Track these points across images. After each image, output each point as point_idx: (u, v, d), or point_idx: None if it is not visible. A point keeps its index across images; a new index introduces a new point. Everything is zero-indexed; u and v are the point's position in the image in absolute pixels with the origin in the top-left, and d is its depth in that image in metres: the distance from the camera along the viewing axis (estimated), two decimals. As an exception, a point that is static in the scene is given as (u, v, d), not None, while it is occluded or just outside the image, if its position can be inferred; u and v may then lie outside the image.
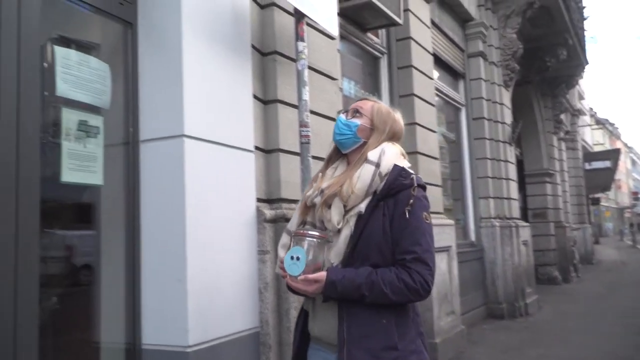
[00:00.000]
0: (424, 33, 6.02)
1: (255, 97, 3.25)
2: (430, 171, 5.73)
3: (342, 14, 4.61)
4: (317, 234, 1.73)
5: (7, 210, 2.04)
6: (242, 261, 2.97)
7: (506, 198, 8.40)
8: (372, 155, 1.80)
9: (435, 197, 5.71)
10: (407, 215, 1.71)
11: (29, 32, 2.19)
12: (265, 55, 3.42)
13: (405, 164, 1.84)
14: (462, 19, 7.93)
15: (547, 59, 10.71)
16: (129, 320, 2.61)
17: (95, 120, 2.51)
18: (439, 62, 7.08)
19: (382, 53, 5.74)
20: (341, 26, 4.56)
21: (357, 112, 1.91)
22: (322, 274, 1.68)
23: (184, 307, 2.52)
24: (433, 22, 6.61)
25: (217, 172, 2.82)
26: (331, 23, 3.51)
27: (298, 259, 1.68)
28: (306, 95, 3.11)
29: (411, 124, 5.54)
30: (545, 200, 12.41)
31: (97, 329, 2.69)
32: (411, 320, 1.76)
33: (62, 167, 2.32)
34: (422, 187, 1.79)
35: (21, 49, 2.15)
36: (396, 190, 1.74)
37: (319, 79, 3.73)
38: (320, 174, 1.93)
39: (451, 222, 5.99)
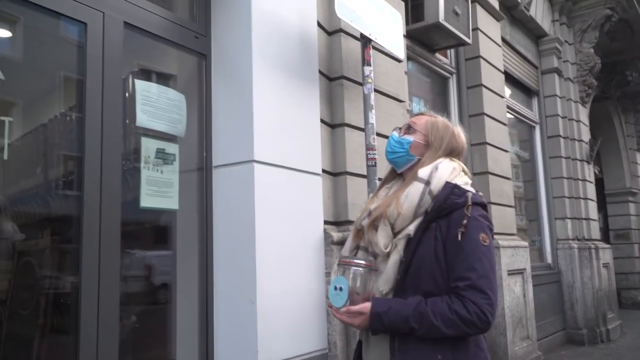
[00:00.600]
0: (494, 51, 5.92)
1: (322, 121, 3.32)
2: (503, 192, 5.57)
3: (410, 35, 4.63)
4: (362, 262, 1.60)
5: (92, 231, 2.19)
6: (310, 283, 3.01)
7: (585, 218, 7.99)
8: (423, 172, 1.66)
9: (508, 218, 5.54)
10: (460, 238, 1.54)
11: (112, 66, 2.36)
12: (333, 80, 3.49)
13: (463, 180, 1.69)
14: (536, 35, 7.71)
15: (627, 73, 10.18)
16: (202, 339, 2.71)
17: (172, 148, 2.65)
18: (511, 79, 6.91)
19: (450, 73, 5.69)
20: (409, 47, 4.57)
21: (410, 128, 1.79)
22: (366, 306, 1.55)
23: (254, 328, 2.58)
24: (504, 40, 6.47)
25: (286, 195, 2.89)
26: (397, 46, 3.53)
27: (341, 289, 1.56)
28: (373, 119, 3.14)
29: (482, 143, 5.43)
30: (629, 221, 11.66)
31: (173, 347, 2.81)
32: (472, 355, 1.59)
33: (141, 193, 2.46)
34: (481, 205, 1.63)
35: (105, 82, 2.33)
36: (448, 210, 1.58)
37: (386, 101, 3.75)
38: (374, 195, 1.84)
39: (525, 243, 5.77)
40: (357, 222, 1.76)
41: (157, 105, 2.58)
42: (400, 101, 3.98)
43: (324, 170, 3.27)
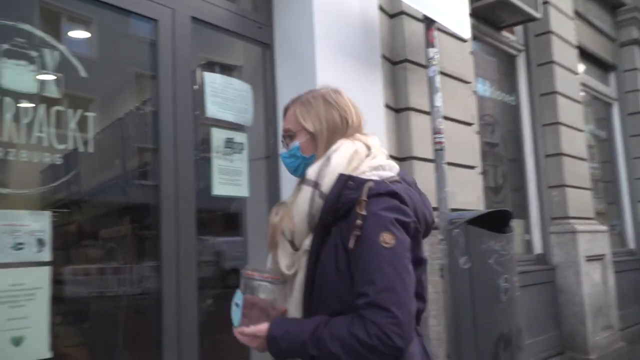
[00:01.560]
0: (566, 25, 5.64)
1: (386, 106, 3.29)
2: (578, 173, 5.32)
3: (474, 14, 4.49)
4: (263, 275, 1.37)
5: (169, 219, 2.30)
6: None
7: (671, 200, 7.51)
8: (311, 171, 1.36)
9: (584, 201, 5.30)
10: (354, 244, 1.23)
11: (182, 61, 2.45)
12: (396, 63, 3.45)
13: (371, 164, 1.35)
14: (612, 5, 7.27)
15: None
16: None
17: (240, 137, 2.72)
18: (585, 54, 6.56)
19: (518, 50, 5.47)
20: (473, 27, 4.44)
21: (288, 134, 1.50)
22: (261, 328, 1.30)
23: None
24: (577, 13, 6.15)
25: (352, 181, 2.90)
26: (462, 26, 3.45)
27: (237, 305, 1.36)
28: (438, 102, 3.09)
29: (554, 123, 5.21)
30: None
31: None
32: None
33: (213, 182, 2.55)
34: (388, 194, 1.27)
35: (176, 76, 2.42)
36: (345, 209, 1.27)
37: (451, 83, 3.67)
38: (279, 204, 1.55)
39: (604, 228, 5.50)
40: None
41: (225, 96, 2.66)
42: (466, 82, 3.89)
43: (390, 156, 3.25)
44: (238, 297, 1.36)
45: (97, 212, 3.66)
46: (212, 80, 2.64)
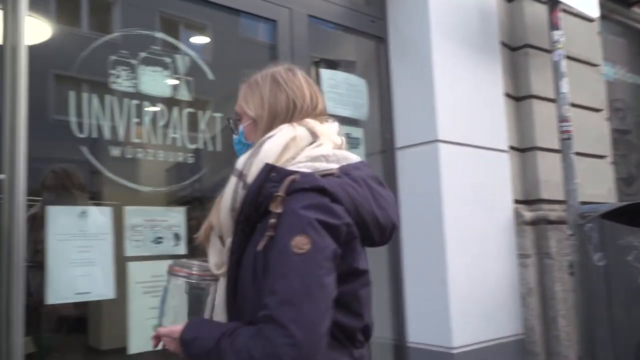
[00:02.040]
0: None
1: (507, 94, 3.14)
2: None
3: (601, -8, 4.15)
4: (190, 272, 1.23)
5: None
6: (502, 265, 2.88)
7: None
8: (240, 160, 1.17)
9: None
10: (263, 247, 1.05)
11: (300, 59, 2.49)
12: (515, 49, 3.28)
13: (311, 154, 1.15)
14: None
15: None
16: (394, 318, 2.76)
17: (357, 132, 2.72)
18: None
19: (652, 28, 4.98)
20: (600, 4, 4.10)
21: (237, 117, 1.33)
22: (176, 329, 1.16)
23: (447, 309, 2.55)
24: None
25: (472, 174, 2.80)
26: (590, 4, 3.20)
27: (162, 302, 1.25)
28: (565, 88, 2.89)
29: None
30: None
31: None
32: None
33: (332, 177, 2.57)
34: (316, 190, 1.05)
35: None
36: (267, 203, 1.07)
37: (577, 67, 3.42)
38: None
39: None
40: None
41: (341, 92, 2.67)
42: (594, 65, 3.61)
43: (511, 147, 3.10)
44: (163, 294, 1.25)
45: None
46: (329, 77, 2.66)
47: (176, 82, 2.20)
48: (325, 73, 2.65)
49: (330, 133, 1.22)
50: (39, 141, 1.80)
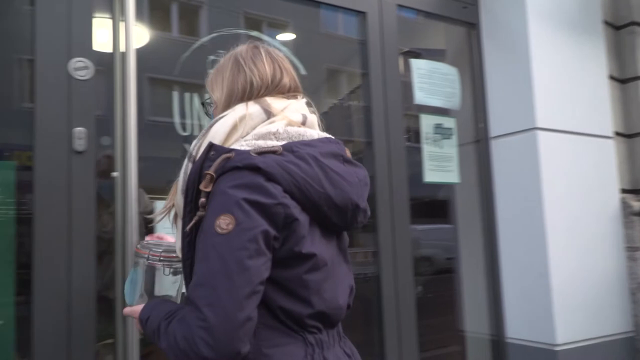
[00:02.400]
0: None
1: (611, 77, 2.94)
2: None
3: None
4: (147, 252, 1.22)
5: (385, 208, 2.35)
6: (608, 258, 2.72)
7: None
8: (194, 142, 1.15)
9: None
10: (189, 227, 1.04)
11: (390, 50, 2.47)
12: (620, 28, 3.07)
13: (257, 131, 1.10)
14: None
15: None
16: (491, 311, 2.68)
17: (449, 122, 2.66)
18: None
19: None
20: None
21: (210, 102, 1.29)
22: (136, 309, 1.15)
23: (549, 304, 2.45)
24: None
25: (574, 162, 2.66)
26: None
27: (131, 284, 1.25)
28: (679, 66, 2.66)
29: None
30: None
31: (461, 317, 2.85)
32: None
33: (424, 169, 2.54)
34: (248, 168, 1.01)
35: (385, 66, 2.45)
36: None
37: (692, 44, 3.14)
38: None
39: None
40: None
41: (431, 82, 2.62)
42: None
43: (616, 133, 2.91)
44: (131, 275, 1.26)
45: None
46: (419, 67, 2.62)
47: None
48: (414, 63, 2.61)
49: (288, 110, 1.15)
50: (147, 140, 1.91)
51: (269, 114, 1.12)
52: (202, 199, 1.02)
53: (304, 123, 1.16)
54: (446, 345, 2.91)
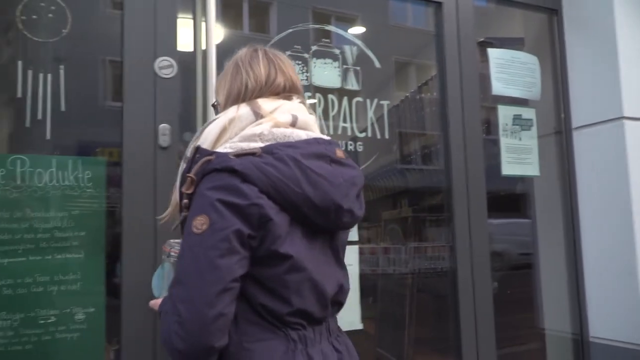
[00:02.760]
0: None
1: None
2: None
3: None
4: (170, 249, 1.26)
5: (461, 201, 2.30)
6: None
7: None
8: (189, 144, 1.19)
9: None
10: (173, 227, 1.16)
11: (467, 39, 2.41)
12: None
13: (243, 133, 1.13)
14: None
15: None
16: (573, 309, 2.58)
17: (528, 113, 2.57)
18: None
19: None
20: None
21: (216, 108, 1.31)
22: (158, 302, 1.19)
23: (637, 302, 2.32)
24: None
25: (666, 154, 2.49)
26: None
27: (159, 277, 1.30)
28: None
29: None
30: None
31: (540, 314, 2.76)
32: None
33: (502, 161, 2.46)
34: (225, 170, 1.05)
35: (461, 57, 2.39)
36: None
37: None
38: None
39: None
40: None
41: (510, 71, 2.53)
42: None
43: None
44: (159, 270, 1.30)
45: (381, 195, 3.89)
46: (497, 56, 2.54)
47: (345, 72, 2.29)
48: (492, 52, 2.53)
49: (279, 111, 1.17)
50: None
51: (257, 116, 1.15)
52: (185, 201, 1.08)
53: (293, 124, 1.17)
54: (524, 343, 2.83)
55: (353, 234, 2.22)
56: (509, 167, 2.47)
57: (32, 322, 1.56)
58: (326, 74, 2.22)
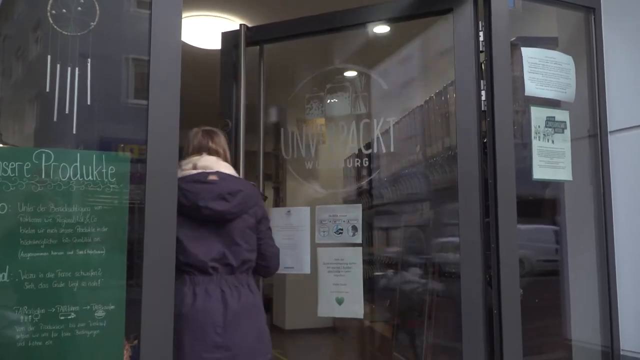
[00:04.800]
0: None
1: None
2: None
3: None
4: None
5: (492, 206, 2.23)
6: None
7: None
8: None
9: None
10: None
11: (501, 38, 2.32)
12: None
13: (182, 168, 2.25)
14: None
15: None
16: (604, 321, 2.49)
17: (562, 115, 2.48)
18: None
19: None
20: None
21: None
22: None
23: (673, 317, 2.23)
24: None
25: None
26: None
27: None
28: None
29: None
30: None
31: (567, 325, 2.67)
32: None
33: (534, 165, 2.38)
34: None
35: (494, 55, 2.31)
36: None
37: None
38: None
39: None
40: None
41: (544, 72, 2.45)
42: None
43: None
44: None
45: (396, 200, 3.86)
46: (530, 55, 2.45)
47: (355, 100, 2.76)
48: (525, 51, 2.44)
49: (191, 161, 2.26)
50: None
51: (187, 162, 2.27)
52: None
53: (194, 167, 2.24)
54: (549, 352, 2.74)
55: (358, 237, 2.63)
56: (541, 171, 2.39)
57: (53, 318, 1.55)
58: (338, 105, 2.79)
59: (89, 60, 1.68)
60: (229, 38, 2.94)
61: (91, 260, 1.59)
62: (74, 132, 1.64)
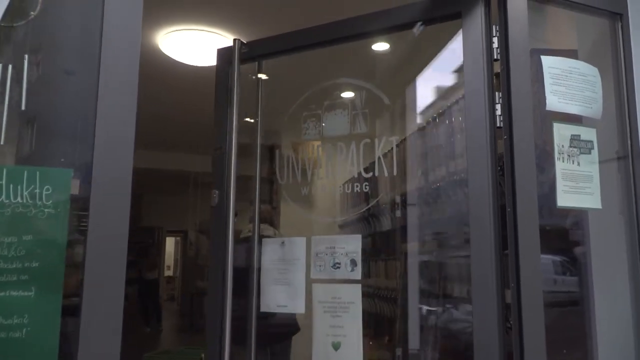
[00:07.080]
0: None
1: None
2: None
3: None
4: None
5: (510, 236, 1.92)
6: None
7: None
8: None
9: None
10: None
11: (519, 47, 2.04)
12: None
13: None
14: None
15: None
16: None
17: (588, 134, 2.17)
18: None
19: None
20: None
21: None
22: None
23: None
24: None
25: None
26: None
27: None
28: None
29: None
30: None
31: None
32: None
33: (557, 190, 2.06)
34: None
35: (510, 67, 2.02)
36: None
37: None
38: None
39: None
40: None
41: (567, 84, 2.15)
42: None
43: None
44: None
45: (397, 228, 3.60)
46: (550, 65, 2.16)
47: (354, 117, 2.46)
48: (546, 60, 2.16)
49: None
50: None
51: None
52: None
53: None
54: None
55: (357, 272, 2.32)
56: (565, 198, 2.07)
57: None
58: (336, 124, 2.48)
59: (26, 56, 1.38)
60: (225, 54, 2.66)
61: (15, 303, 1.26)
62: (1, 142, 1.33)
